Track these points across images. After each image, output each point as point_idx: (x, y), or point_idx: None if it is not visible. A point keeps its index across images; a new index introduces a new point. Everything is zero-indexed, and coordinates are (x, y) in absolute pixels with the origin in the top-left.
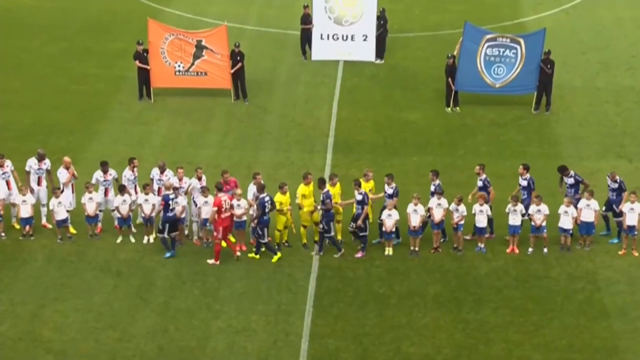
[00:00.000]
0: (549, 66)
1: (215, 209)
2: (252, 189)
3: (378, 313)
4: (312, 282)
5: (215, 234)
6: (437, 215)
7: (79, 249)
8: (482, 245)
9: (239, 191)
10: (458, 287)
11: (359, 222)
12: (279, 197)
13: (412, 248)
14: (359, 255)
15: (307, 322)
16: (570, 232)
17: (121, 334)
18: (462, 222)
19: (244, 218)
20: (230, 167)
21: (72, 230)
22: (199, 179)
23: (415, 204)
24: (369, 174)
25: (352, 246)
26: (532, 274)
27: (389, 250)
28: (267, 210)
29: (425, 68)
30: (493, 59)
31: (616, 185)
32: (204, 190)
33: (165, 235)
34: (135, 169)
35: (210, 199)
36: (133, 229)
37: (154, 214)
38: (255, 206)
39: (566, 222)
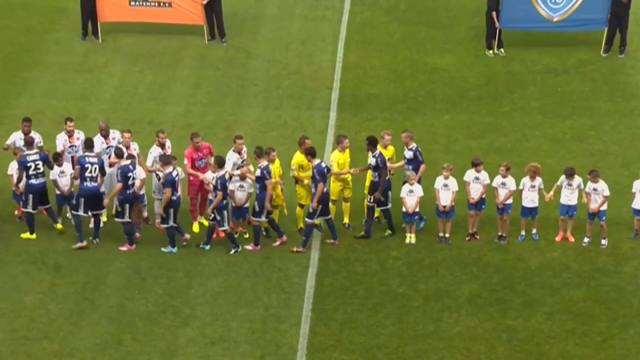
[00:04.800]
0: None
1: None
2: (232, 157)
3: (396, 319)
4: (311, 279)
5: None
6: (475, 192)
7: (3, 235)
8: (534, 231)
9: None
10: (501, 286)
11: (267, 204)
12: None
13: (440, 234)
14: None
15: (305, 331)
16: None
17: (60, 346)
18: (511, 201)
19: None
20: (203, 129)
21: None
22: (162, 145)
23: (446, 177)
24: (386, 136)
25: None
26: (599, 269)
27: (410, 238)
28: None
29: None
30: None
31: (411, 155)
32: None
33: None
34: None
35: (179, 170)
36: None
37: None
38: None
39: None
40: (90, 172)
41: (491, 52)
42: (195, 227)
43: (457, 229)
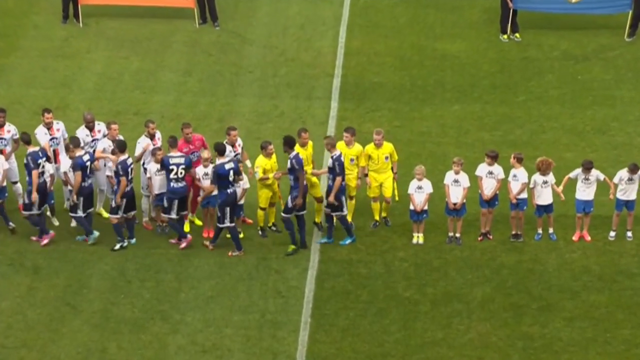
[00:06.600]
0: None
1: None
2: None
3: (403, 325)
4: (310, 282)
5: None
6: (489, 188)
7: None
8: (551, 230)
9: (206, 154)
10: (516, 289)
11: (117, 200)
12: (261, 162)
13: (451, 234)
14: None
15: (303, 339)
16: None
17: (40, 355)
18: (525, 195)
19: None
20: (194, 120)
21: None
22: (152, 136)
23: (457, 172)
24: (375, 136)
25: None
26: (622, 271)
27: (418, 237)
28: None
29: None
30: None
31: (330, 163)
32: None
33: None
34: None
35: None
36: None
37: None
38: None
39: None
40: None
41: (505, 36)
42: (186, 226)
43: (468, 228)
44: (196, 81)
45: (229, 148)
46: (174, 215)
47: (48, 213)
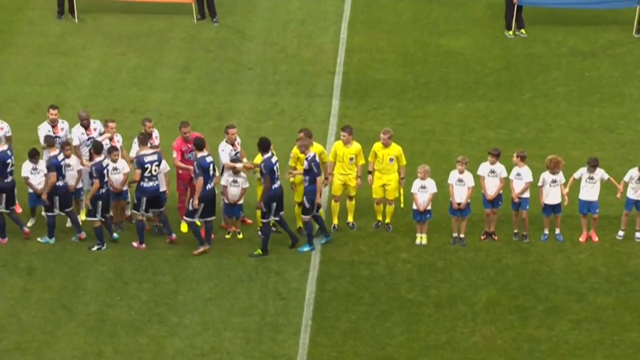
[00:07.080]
0: None
1: None
2: (225, 149)
3: (406, 328)
4: (311, 284)
5: None
6: (492, 188)
7: None
8: (557, 231)
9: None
10: (522, 291)
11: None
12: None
13: (455, 235)
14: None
15: (304, 341)
16: None
17: (35, 357)
18: (527, 195)
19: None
20: (192, 118)
21: None
22: (149, 134)
23: (461, 171)
24: (382, 135)
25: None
26: (630, 272)
27: (421, 238)
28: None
29: None
30: None
31: (306, 165)
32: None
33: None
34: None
35: (166, 163)
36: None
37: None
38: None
39: None
40: None
41: (511, 32)
42: (184, 227)
43: (473, 228)
44: (194, 78)
45: (229, 147)
46: (142, 212)
47: (43, 213)
